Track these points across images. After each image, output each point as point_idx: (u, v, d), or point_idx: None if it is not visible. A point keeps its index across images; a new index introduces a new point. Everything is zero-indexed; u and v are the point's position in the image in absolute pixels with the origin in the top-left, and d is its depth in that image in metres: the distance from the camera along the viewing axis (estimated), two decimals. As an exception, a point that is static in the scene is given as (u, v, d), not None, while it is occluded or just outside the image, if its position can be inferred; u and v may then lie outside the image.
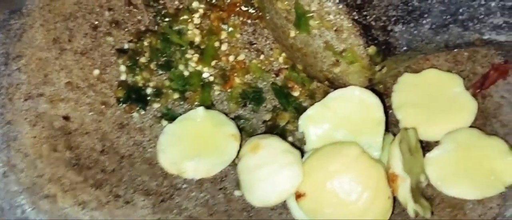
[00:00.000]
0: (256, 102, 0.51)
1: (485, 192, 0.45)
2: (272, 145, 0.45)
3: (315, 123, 0.47)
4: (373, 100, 0.46)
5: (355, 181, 0.43)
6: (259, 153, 0.45)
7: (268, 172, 0.44)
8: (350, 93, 0.47)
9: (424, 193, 0.46)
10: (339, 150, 0.44)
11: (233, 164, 0.47)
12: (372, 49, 0.45)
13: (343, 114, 0.47)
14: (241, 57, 0.52)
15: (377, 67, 0.47)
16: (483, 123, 0.49)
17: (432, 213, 0.45)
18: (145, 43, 0.51)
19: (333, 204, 0.43)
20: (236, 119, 0.50)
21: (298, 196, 0.44)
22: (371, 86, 0.49)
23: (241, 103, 0.50)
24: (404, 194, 0.42)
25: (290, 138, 0.49)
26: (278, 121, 0.50)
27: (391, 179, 0.43)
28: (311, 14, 0.45)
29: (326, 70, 0.48)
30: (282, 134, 0.49)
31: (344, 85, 0.48)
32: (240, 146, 0.47)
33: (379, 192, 0.43)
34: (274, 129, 0.49)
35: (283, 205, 0.46)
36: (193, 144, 0.47)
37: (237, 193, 0.47)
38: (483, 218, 0.45)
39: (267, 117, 0.50)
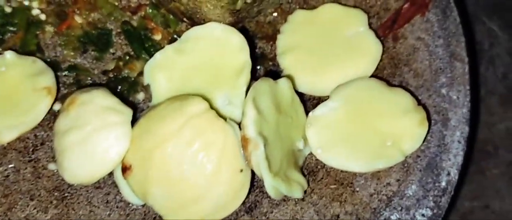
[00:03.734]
0: (101, 48, 0.39)
1: (380, 163, 0.33)
2: (94, 100, 0.34)
3: (164, 71, 0.35)
4: (237, 40, 0.34)
5: (195, 149, 0.31)
6: (75, 111, 0.33)
7: (83, 135, 0.32)
8: (208, 31, 0.36)
9: (307, 164, 0.34)
10: (177, 108, 0.32)
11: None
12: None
13: (200, 59, 0.36)
14: (86, -12, 0.40)
15: (237, -8, 0.35)
16: (392, 72, 0.38)
17: (306, 192, 0.33)
18: (-50, -30, 0.39)
19: (165, 181, 0.31)
20: (70, 69, 0.38)
21: (124, 169, 0.32)
22: (241, 24, 0.37)
23: (80, 49, 0.39)
24: (257, 163, 0.31)
25: (141, 95, 0.37)
26: (127, 72, 0.38)
27: (243, 145, 0.31)
28: None
29: (177, 0, 0.36)
30: (131, 89, 0.37)
31: (204, 22, 0.36)
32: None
33: (226, 163, 0.31)
34: (119, 83, 0.37)
35: (113, 183, 0.34)
36: (-9, 98, 0.35)
37: (52, 166, 0.35)
38: (375, 198, 0.33)
39: (110, 66, 0.38)
